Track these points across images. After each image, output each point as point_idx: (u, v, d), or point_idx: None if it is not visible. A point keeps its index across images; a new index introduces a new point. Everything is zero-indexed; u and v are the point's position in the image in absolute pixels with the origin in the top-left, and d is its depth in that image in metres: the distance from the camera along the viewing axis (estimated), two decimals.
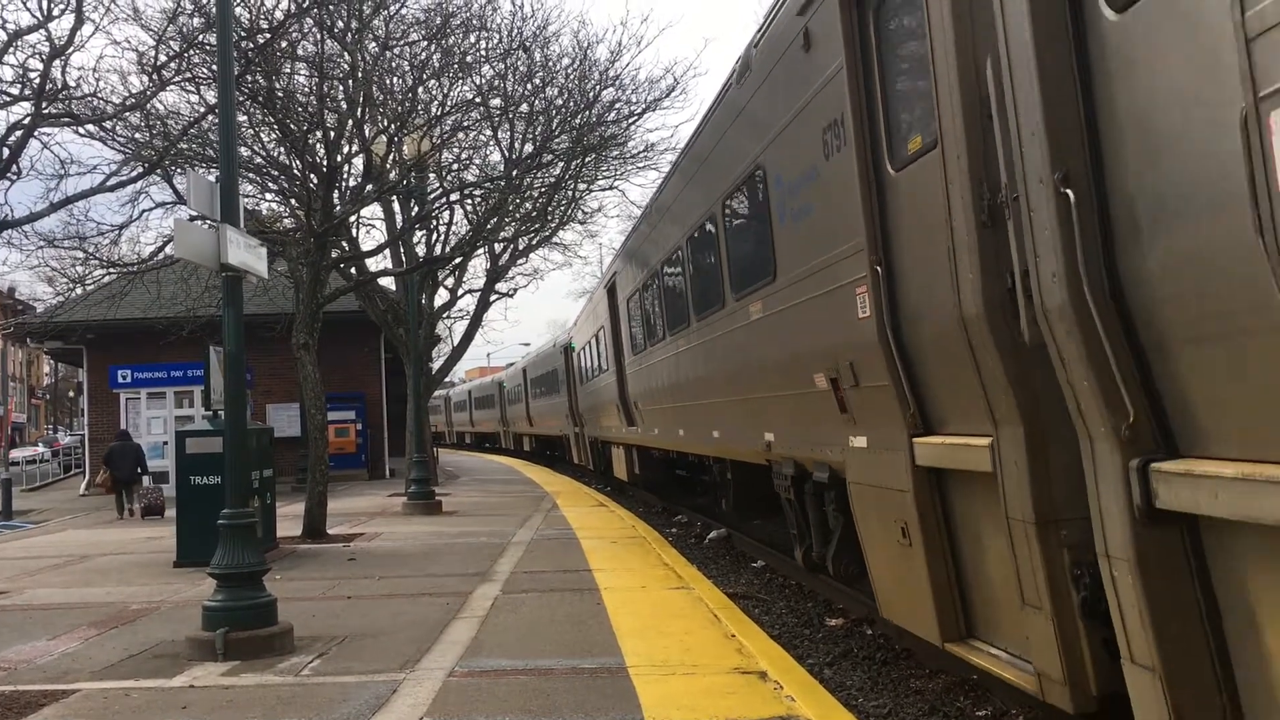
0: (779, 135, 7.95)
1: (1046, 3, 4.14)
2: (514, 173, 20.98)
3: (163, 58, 13.01)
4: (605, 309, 20.16)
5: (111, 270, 17.55)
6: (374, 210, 24.26)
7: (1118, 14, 3.81)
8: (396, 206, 23.94)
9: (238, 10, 13.47)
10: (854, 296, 6.54)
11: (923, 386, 6.00)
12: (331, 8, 14.77)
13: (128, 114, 13.96)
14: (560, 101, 22.83)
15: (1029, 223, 4.33)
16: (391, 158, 17.06)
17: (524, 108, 22.29)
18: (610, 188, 29.72)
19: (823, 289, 7.18)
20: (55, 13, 12.25)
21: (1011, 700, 6.50)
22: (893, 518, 6.46)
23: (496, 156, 24.11)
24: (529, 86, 22.26)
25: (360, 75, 15.30)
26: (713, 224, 10.65)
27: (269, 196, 18.87)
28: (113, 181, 13.50)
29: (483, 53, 20.35)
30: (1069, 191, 4.02)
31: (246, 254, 8.17)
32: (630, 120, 24.98)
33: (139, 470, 21.22)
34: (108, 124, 13.71)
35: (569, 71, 23.19)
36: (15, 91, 12.35)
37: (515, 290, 31.99)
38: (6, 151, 11.76)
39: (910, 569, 6.34)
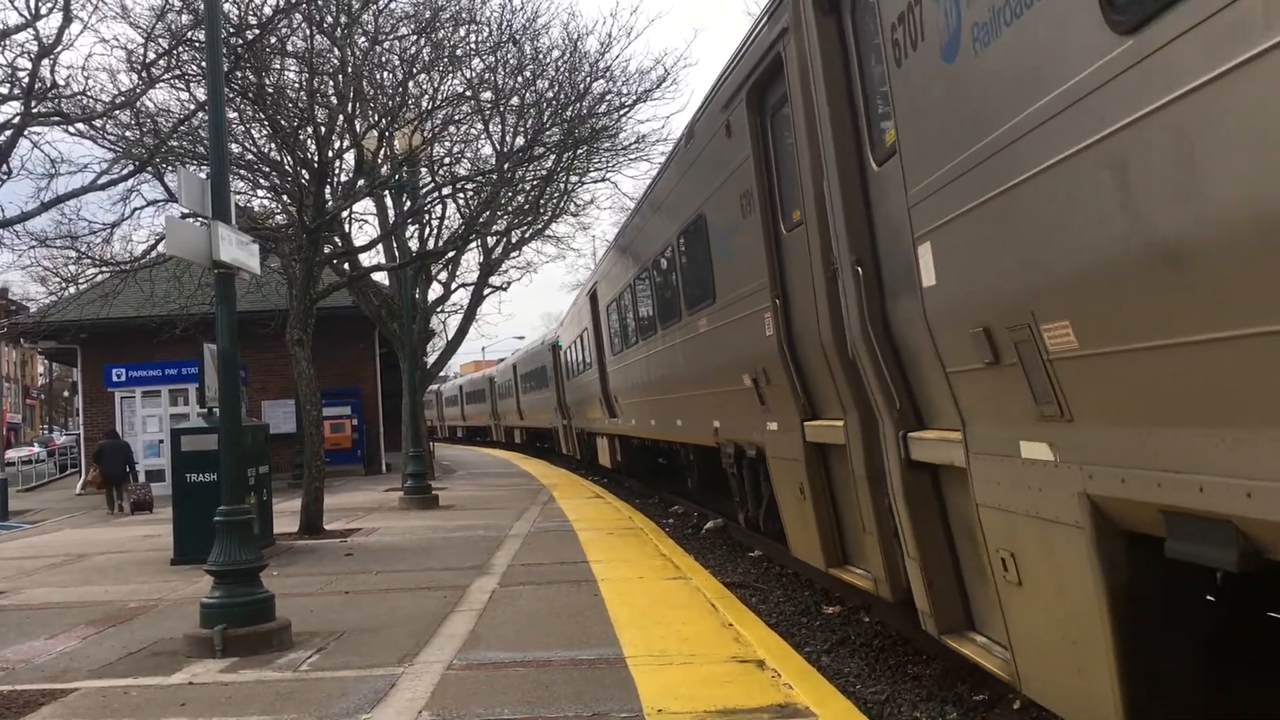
0: (714, 193, 10.12)
1: (845, 153, 6.57)
2: (505, 166, 20.95)
3: (151, 55, 12.99)
4: (588, 313, 22.22)
5: (104, 269, 17.53)
6: (366, 205, 24.29)
7: (878, 166, 6.19)
8: (389, 201, 23.93)
9: (226, 7, 13.44)
10: (763, 319, 8.65)
11: (809, 385, 8.18)
12: (320, 3, 14.74)
13: (117, 112, 13.93)
14: (551, 94, 22.81)
15: (844, 284, 6.66)
16: (383, 152, 17.04)
17: (515, 101, 22.27)
18: (602, 180, 29.71)
19: (745, 312, 9.31)
20: (43, 11, 12.23)
21: (1006, 685, 6.53)
22: (794, 480, 8.75)
23: (488, 150, 24.10)
24: (519, 79, 22.25)
25: (350, 70, 15.29)
26: (670, 252, 12.85)
27: (261, 193, 18.84)
28: (104, 180, 13.50)
29: (472, 46, 20.33)
30: (860, 269, 6.40)
31: (239, 250, 8.17)
32: (621, 112, 24.98)
33: (128, 467, 21.56)
34: (98, 122, 13.70)
35: (559, 64, 23.18)
36: (4, 91, 12.33)
37: (509, 283, 32.04)
38: None
39: (805, 517, 8.67)
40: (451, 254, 25.87)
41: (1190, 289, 3.21)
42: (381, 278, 25.34)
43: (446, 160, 22.39)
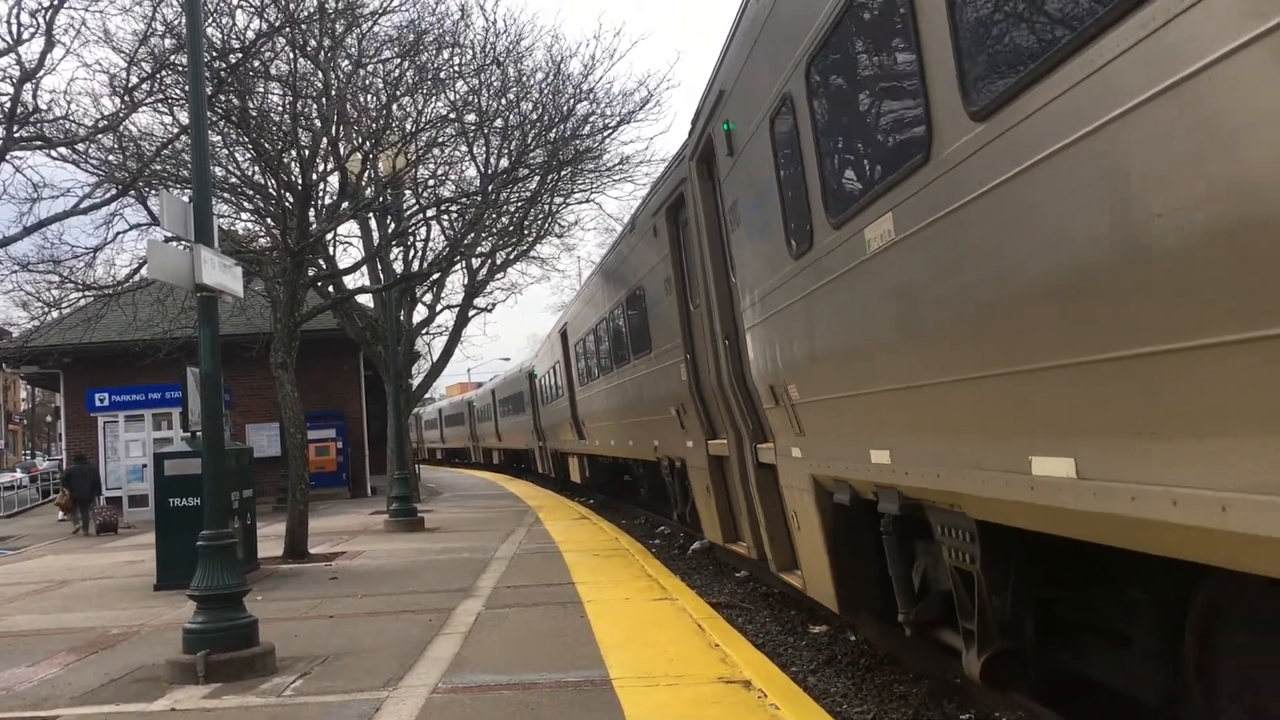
0: (648, 272, 13.48)
1: (718, 268, 9.70)
2: (490, 187, 20.99)
3: (134, 79, 12.99)
4: (560, 348, 25.21)
5: (87, 293, 17.47)
6: (350, 228, 24.26)
7: (733, 279, 8.77)
8: (373, 224, 23.93)
9: (209, 31, 13.46)
10: (680, 368, 11.89)
11: (709, 415, 11.18)
12: (304, 27, 14.76)
13: (100, 136, 13.91)
14: (535, 116, 22.89)
15: (723, 348, 9.76)
16: (367, 175, 17.05)
17: (499, 123, 22.33)
18: (586, 201, 29.81)
19: (670, 361, 12.62)
20: (25, 36, 12.22)
21: (993, 705, 6.53)
22: (703, 483, 12.02)
23: (472, 172, 24.16)
24: (503, 101, 22.32)
25: (334, 93, 15.31)
26: (621, 310, 16.28)
27: (244, 216, 18.84)
28: (86, 204, 13.46)
29: (456, 69, 20.40)
30: (726, 341, 9.61)
31: (222, 274, 8.15)
32: (605, 133, 25.08)
33: (95, 491, 22.29)
34: (80, 146, 13.66)
35: (543, 86, 23.27)
36: None
37: (494, 305, 32.16)
38: None
39: (710, 509, 11.93)
40: (436, 276, 25.88)
41: (834, 375, 6.43)
42: (366, 300, 25.34)
43: (431, 182, 22.44)
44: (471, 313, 28.59)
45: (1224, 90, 2.75)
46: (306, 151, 15.09)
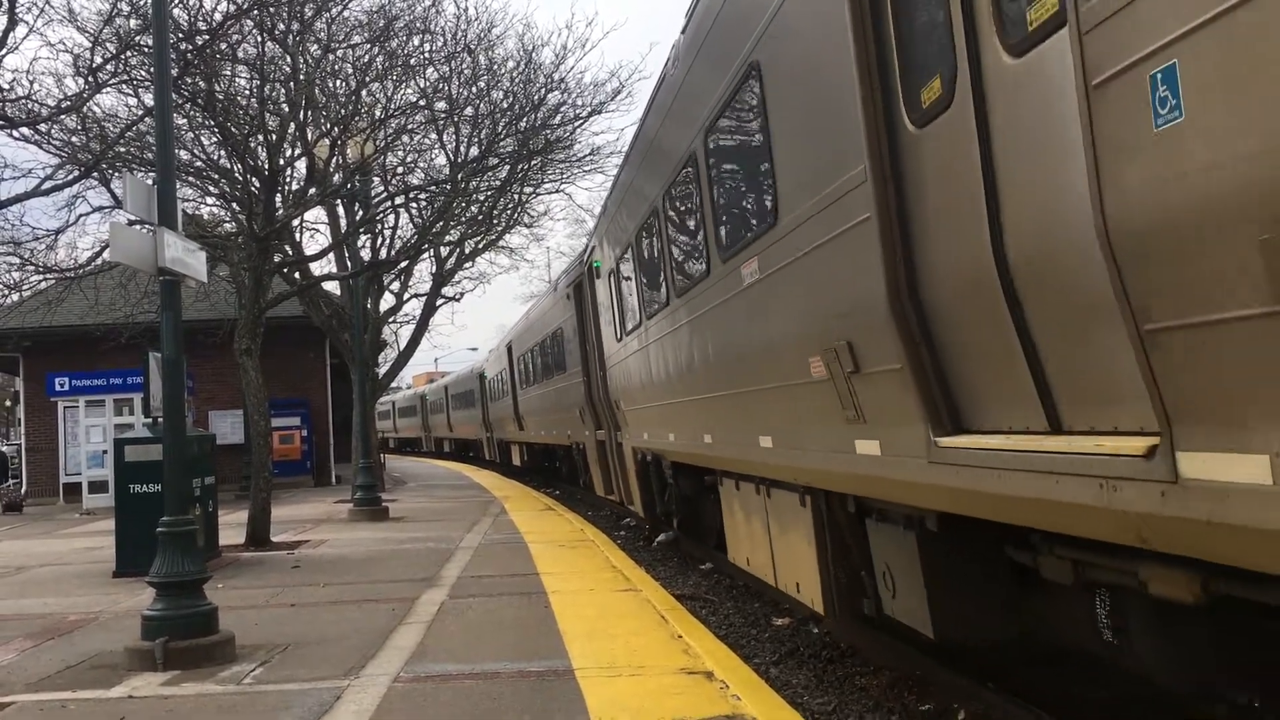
0: (564, 320, 20.35)
1: (601, 335, 16.39)
2: (459, 176, 20.87)
3: (99, 60, 12.80)
4: (506, 359, 32.13)
5: (48, 276, 17.23)
6: (318, 214, 24.05)
7: (619, 340, 14.42)
8: (341, 210, 23.72)
9: (176, 12, 13.28)
10: (581, 385, 18.85)
11: (597, 415, 17.93)
12: (272, 10, 14.59)
13: (63, 117, 13.72)
14: (506, 105, 22.77)
15: (598, 377, 17.01)
16: (335, 161, 16.91)
17: (469, 111, 22.20)
18: (557, 191, 29.70)
19: (576, 380, 19.36)
20: None
21: (952, 696, 6.59)
22: (594, 457, 19.08)
23: (442, 160, 24.00)
24: (474, 89, 22.17)
25: (302, 78, 15.16)
26: (549, 341, 23.08)
27: (210, 200, 18.64)
28: (48, 185, 13.28)
29: (426, 55, 20.24)
30: (601, 372, 17.21)
31: (185, 257, 8.06)
32: (576, 124, 24.99)
33: (6, 473, 23.36)
34: (43, 127, 13.45)
35: (514, 75, 23.14)
36: None
37: (462, 294, 32.02)
38: None
39: (597, 474, 19.17)
40: (404, 264, 25.72)
41: (637, 396, 13.17)
42: (333, 287, 25.15)
43: (399, 169, 22.27)
44: (439, 302, 28.40)
45: None
46: (274, 136, 14.94)
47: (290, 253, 19.62)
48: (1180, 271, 3.00)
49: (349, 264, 22.80)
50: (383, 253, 24.04)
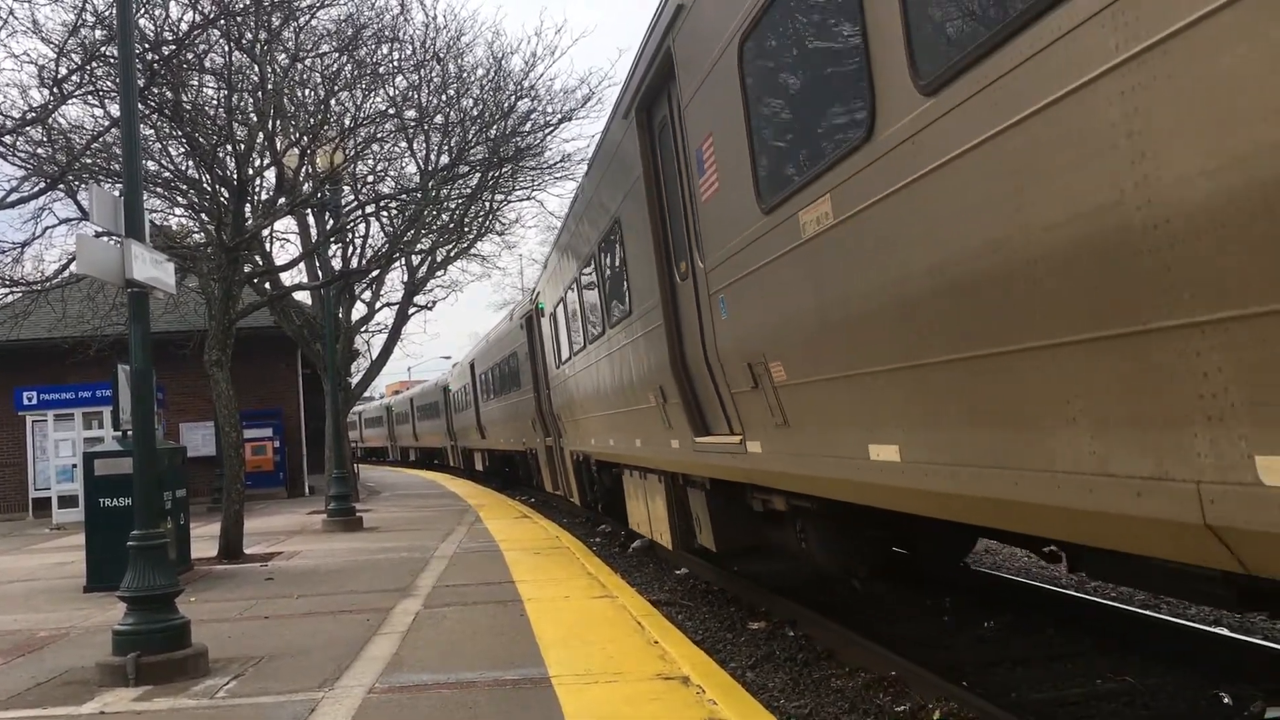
0: (520, 345, 22.78)
1: (551, 358, 18.67)
2: (430, 184, 20.82)
3: (64, 71, 12.69)
4: (469, 375, 34.84)
5: (14, 289, 17.04)
6: (288, 224, 23.97)
7: (558, 367, 17.51)
8: (311, 220, 23.62)
9: (141, 22, 13.19)
10: (533, 399, 21.53)
11: (545, 425, 20.61)
12: (239, 20, 14.51)
13: (28, 128, 13.59)
14: (476, 112, 22.74)
15: (545, 394, 20.02)
16: (304, 170, 16.84)
17: (439, 119, 22.16)
18: (528, 198, 29.67)
19: (529, 395, 22.06)
20: None
21: (927, 696, 6.62)
22: (543, 460, 21.93)
23: (413, 168, 23.94)
24: (443, 97, 22.15)
25: (270, 87, 15.08)
26: (505, 363, 25.73)
27: (178, 211, 18.51)
28: (13, 198, 13.15)
29: (395, 64, 20.19)
30: (548, 390, 19.62)
31: (153, 269, 8.00)
32: (546, 130, 24.99)
33: None
34: (8, 139, 13.32)
35: (483, 82, 23.13)
36: None
37: (434, 303, 31.91)
38: None
39: (546, 475, 22.12)
40: (375, 273, 25.63)
41: (573, 409, 16.50)
42: (304, 297, 25.00)
43: (370, 178, 22.20)
44: (411, 310, 28.31)
45: None
46: (242, 146, 14.85)
47: (260, 263, 19.50)
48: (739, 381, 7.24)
49: (320, 273, 22.69)
50: (354, 262, 23.96)
